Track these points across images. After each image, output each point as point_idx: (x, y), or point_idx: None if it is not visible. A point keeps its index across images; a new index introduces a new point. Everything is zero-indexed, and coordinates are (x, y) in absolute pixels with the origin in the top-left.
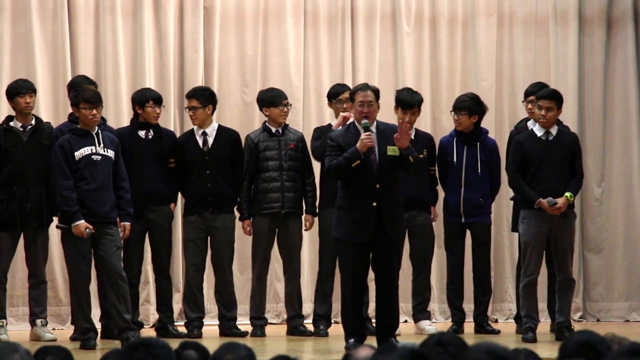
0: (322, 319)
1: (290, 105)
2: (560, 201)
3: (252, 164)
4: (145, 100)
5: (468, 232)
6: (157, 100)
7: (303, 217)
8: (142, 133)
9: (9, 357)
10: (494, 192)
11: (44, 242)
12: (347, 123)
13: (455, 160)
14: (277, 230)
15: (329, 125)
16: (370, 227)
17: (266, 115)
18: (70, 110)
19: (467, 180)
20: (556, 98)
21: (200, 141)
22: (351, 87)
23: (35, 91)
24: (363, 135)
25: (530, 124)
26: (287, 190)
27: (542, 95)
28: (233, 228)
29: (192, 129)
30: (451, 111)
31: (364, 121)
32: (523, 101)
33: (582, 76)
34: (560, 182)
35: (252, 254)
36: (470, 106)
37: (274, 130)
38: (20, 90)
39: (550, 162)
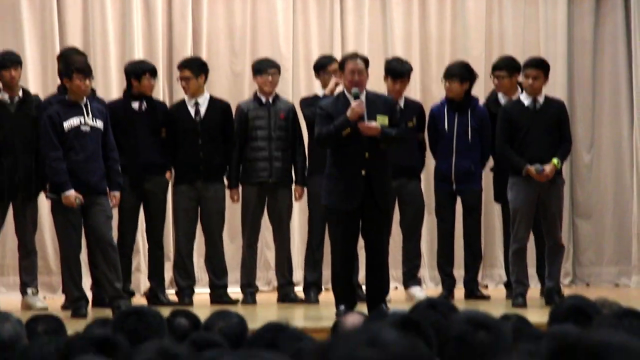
0: (313, 286)
1: (279, 75)
2: (547, 168)
3: (241, 133)
4: (142, 72)
5: (459, 199)
6: (154, 72)
7: (293, 187)
8: (135, 105)
9: (1, 327)
10: (484, 159)
11: (32, 213)
12: (337, 93)
13: (446, 128)
14: (266, 199)
15: (315, 96)
16: (359, 195)
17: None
18: (57, 82)
19: (458, 147)
20: (543, 66)
21: (192, 111)
22: (340, 57)
23: (21, 63)
24: (354, 103)
25: (500, 96)
26: (275, 160)
27: (529, 64)
28: (224, 197)
29: (183, 99)
30: (442, 79)
31: (354, 89)
32: (491, 75)
33: (572, 44)
34: (548, 149)
35: (241, 222)
36: (461, 73)
37: (264, 100)
38: (5, 63)
39: (537, 130)
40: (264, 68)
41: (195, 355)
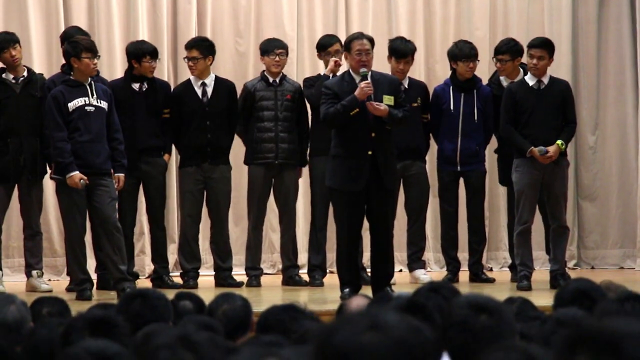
0: (317, 268)
1: (286, 56)
2: (552, 149)
3: (247, 112)
4: (142, 54)
5: (462, 181)
6: (154, 54)
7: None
8: (136, 86)
9: (6, 309)
10: (487, 140)
11: (38, 194)
12: (341, 72)
13: (452, 108)
14: (272, 180)
15: (319, 75)
16: (365, 176)
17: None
18: (62, 61)
19: (464, 128)
20: (547, 47)
21: (199, 92)
22: (344, 37)
23: (19, 41)
24: (362, 83)
25: (503, 79)
26: (281, 141)
27: (533, 44)
28: (230, 179)
29: (189, 79)
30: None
31: (363, 69)
32: (493, 58)
33: (576, 24)
34: (552, 130)
35: (247, 204)
36: (476, 53)
37: (271, 80)
38: (2, 44)
39: (542, 111)
40: (272, 48)
41: (215, 344)
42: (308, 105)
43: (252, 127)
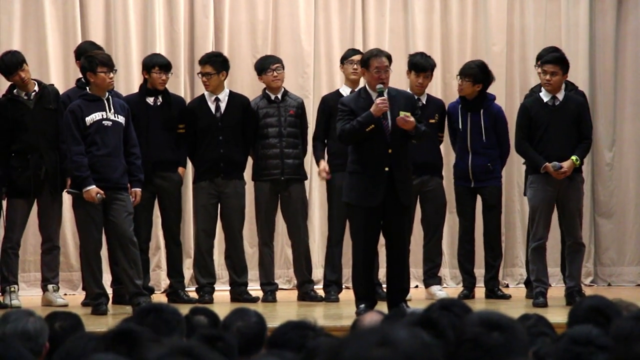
0: (333, 284)
1: (282, 69)
2: (566, 165)
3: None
4: (152, 65)
5: (479, 197)
6: (164, 66)
7: (306, 182)
8: (150, 100)
9: (26, 319)
10: (504, 157)
11: (58, 208)
12: (358, 89)
13: (460, 126)
14: (279, 196)
15: (337, 91)
16: (381, 192)
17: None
18: (78, 76)
19: (472, 146)
20: (561, 62)
21: (212, 107)
22: (362, 51)
23: (25, 60)
24: (378, 100)
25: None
26: (286, 157)
27: (547, 60)
28: (244, 194)
29: (203, 94)
30: (457, 76)
31: (379, 86)
32: (535, 66)
33: (593, 40)
34: (567, 146)
35: (256, 221)
36: (475, 74)
37: (272, 97)
38: (10, 70)
39: (556, 127)
40: (267, 65)
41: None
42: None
43: (257, 145)
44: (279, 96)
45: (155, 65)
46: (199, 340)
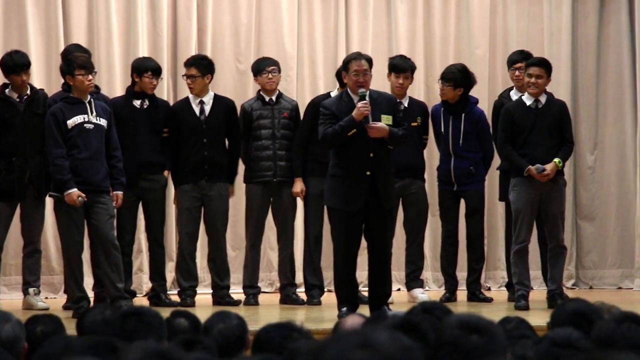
0: (315, 287)
1: (278, 72)
2: (549, 167)
3: (245, 132)
4: (144, 69)
5: (462, 201)
6: (156, 71)
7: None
8: (137, 102)
9: (0, 327)
10: (487, 160)
11: (41, 212)
12: (340, 92)
13: (442, 130)
14: (271, 198)
15: (328, 94)
16: (363, 196)
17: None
18: (57, 78)
19: (454, 149)
20: (546, 66)
21: (197, 110)
22: (344, 56)
23: (30, 64)
24: (360, 103)
25: (513, 93)
26: (279, 159)
27: (532, 62)
28: (227, 197)
29: (187, 97)
30: (439, 80)
31: (361, 90)
32: (509, 69)
33: (576, 44)
34: (550, 150)
35: (245, 223)
36: (456, 78)
37: (267, 98)
38: (16, 69)
39: (539, 131)
40: (263, 67)
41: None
42: None
43: (249, 146)
44: (273, 98)
45: (148, 69)
46: (177, 344)
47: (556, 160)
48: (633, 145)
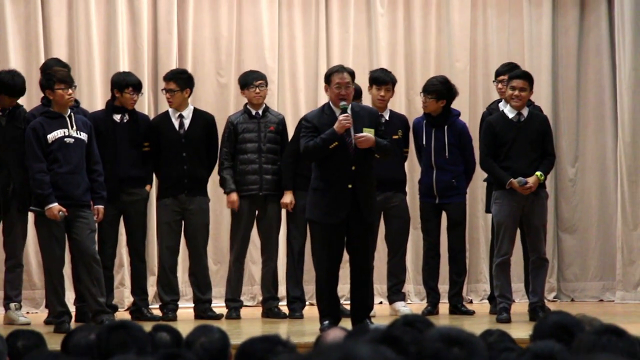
0: (297, 300)
1: (266, 86)
2: (531, 180)
3: (231, 146)
4: (125, 85)
5: (444, 214)
6: (137, 86)
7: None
8: (117, 117)
9: None
10: (469, 173)
11: (23, 226)
12: (322, 105)
13: (424, 142)
14: (256, 212)
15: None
16: (345, 209)
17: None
18: (37, 93)
19: (437, 162)
20: (529, 78)
21: (176, 124)
22: (324, 69)
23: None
24: (341, 116)
25: (501, 105)
26: (265, 173)
27: (516, 75)
28: (208, 211)
29: (167, 111)
30: (421, 92)
31: (342, 103)
32: (494, 81)
33: (556, 56)
34: (532, 163)
35: (230, 236)
36: (439, 90)
37: (253, 112)
38: (13, 92)
39: (521, 144)
40: (251, 81)
41: None
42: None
43: (235, 160)
44: (260, 112)
45: (129, 85)
46: (159, 358)
47: (538, 173)
48: (614, 158)
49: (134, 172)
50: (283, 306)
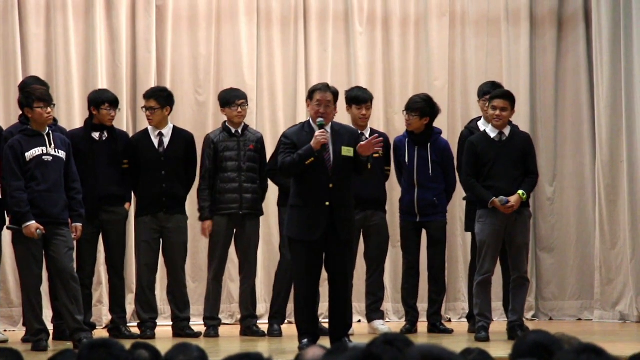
0: (277, 318)
1: (247, 105)
2: (513, 199)
3: (211, 164)
4: (101, 102)
5: (424, 232)
6: (114, 102)
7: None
8: (96, 135)
9: None
10: (450, 191)
11: None
12: (302, 122)
13: (407, 160)
14: (235, 230)
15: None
16: (322, 226)
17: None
18: (16, 111)
19: (419, 180)
20: (510, 98)
21: (155, 142)
22: (303, 87)
23: None
24: (317, 132)
25: (481, 123)
26: (245, 192)
27: (497, 95)
28: (186, 229)
29: (146, 128)
30: (403, 111)
31: (320, 119)
32: (479, 100)
33: (534, 76)
34: (514, 181)
35: (208, 254)
36: (422, 108)
37: (233, 130)
38: None
39: (503, 163)
40: (233, 99)
41: None
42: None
43: (215, 178)
44: (240, 130)
45: (105, 101)
46: None
47: (520, 192)
48: (592, 177)
49: (113, 190)
50: (262, 324)
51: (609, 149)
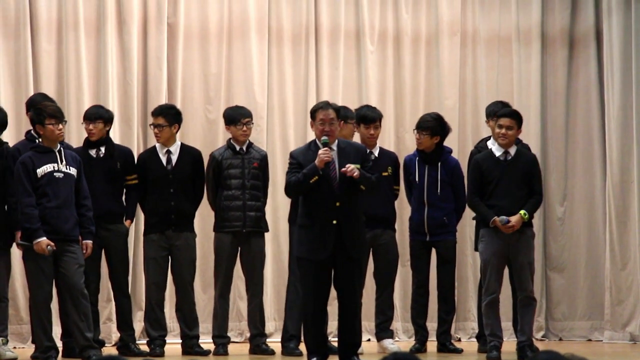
0: (294, 338)
1: (252, 124)
2: (514, 219)
3: (214, 181)
4: (84, 117)
5: (433, 251)
6: (90, 117)
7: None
8: (92, 152)
9: None
10: (460, 211)
11: (6, 260)
12: (309, 142)
13: (417, 179)
14: (239, 248)
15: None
16: (330, 245)
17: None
18: (27, 128)
19: (429, 199)
20: (516, 117)
21: (164, 159)
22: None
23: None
24: (320, 151)
25: (490, 143)
26: (249, 209)
27: (503, 114)
28: (194, 246)
29: (154, 146)
30: (414, 129)
31: (324, 137)
32: (486, 120)
33: (545, 95)
34: (517, 201)
35: (214, 272)
36: (432, 127)
37: (237, 148)
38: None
39: (507, 182)
40: (239, 118)
41: None
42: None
43: (219, 196)
44: (244, 148)
45: (84, 117)
46: None
47: (522, 212)
48: (602, 197)
49: (111, 207)
50: (270, 342)
51: (619, 169)
